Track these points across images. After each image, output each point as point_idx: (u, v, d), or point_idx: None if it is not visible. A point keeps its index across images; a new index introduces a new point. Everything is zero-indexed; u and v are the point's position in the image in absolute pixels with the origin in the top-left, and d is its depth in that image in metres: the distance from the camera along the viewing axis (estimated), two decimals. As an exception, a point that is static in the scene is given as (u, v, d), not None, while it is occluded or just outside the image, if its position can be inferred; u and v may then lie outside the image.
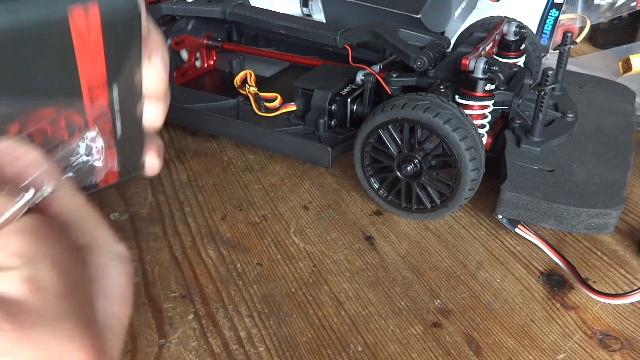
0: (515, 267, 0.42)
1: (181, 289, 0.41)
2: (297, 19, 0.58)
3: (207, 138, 0.61)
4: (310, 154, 0.51)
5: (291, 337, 0.37)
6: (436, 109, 0.41)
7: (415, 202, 0.46)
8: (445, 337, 0.37)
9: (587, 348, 0.36)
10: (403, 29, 0.52)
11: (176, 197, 0.51)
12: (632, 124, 0.52)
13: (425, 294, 0.40)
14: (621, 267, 0.42)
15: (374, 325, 0.38)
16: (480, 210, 0.49)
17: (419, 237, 0.46)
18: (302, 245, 0.45)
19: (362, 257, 0.44)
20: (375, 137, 0.45)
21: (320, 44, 0.60)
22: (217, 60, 0.69)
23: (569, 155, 0.46)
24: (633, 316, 0.38)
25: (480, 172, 0.43)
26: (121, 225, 0.48)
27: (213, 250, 0.45)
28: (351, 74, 0.53)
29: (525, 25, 0.55)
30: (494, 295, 0.40)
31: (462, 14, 0.71)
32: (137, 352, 0.36)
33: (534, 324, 0.38)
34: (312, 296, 0.40)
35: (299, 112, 0.55)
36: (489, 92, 0.45)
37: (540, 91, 0.44)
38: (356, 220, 0.48)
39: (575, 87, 0.58)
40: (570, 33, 0.52)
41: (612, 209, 0.40)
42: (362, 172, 0.48)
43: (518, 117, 0.48)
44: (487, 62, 0.44)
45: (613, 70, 0.67)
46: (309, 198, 0.51)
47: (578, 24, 0.79)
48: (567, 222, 0.41)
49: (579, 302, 0.39)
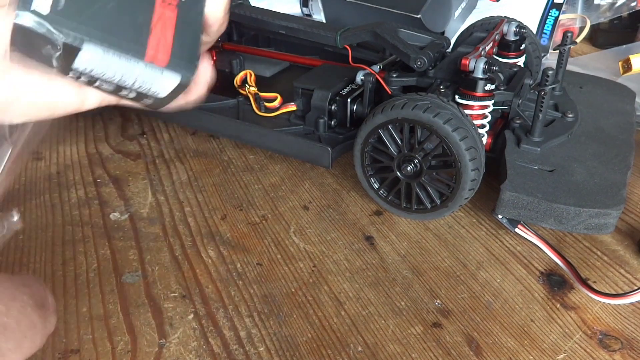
0: (515, 267, 0.42)
1: (181, 289, 0.41)
2: (297, 19, 0.58)
3: (207, 138, 0.61)
4: (310, 154, 0.51)
5: (291, 337, 0.37)
6: (436, 109, 0.41)
7: (415, 202, 0.46)
8: (445, 337, 0.37)
9: (587, 348, 0.36)
10: (403, 29, 0.52)
11: (176, 197, 0.51)
12: (632, 124, 0.52)
13: (425, 294, 0.40)
14: (621, 267, 0.42)
15: (374, 325, 0.38)
16: (480, 210, 0.49)
17: (419, 237, 0.46)
18: (302, 245, 0.45)
19: (362, 257, 0.44)
20: (375, 137, 0.45)
21: (320, 44, 0.60)
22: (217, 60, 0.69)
23: (569, 155, 0.46)
24: (633, 316, 0.38)
25: (480, 172, 0.43)
26: (121, 225, 0.48)
27: (213, 250, 0.45)
28: (351, 74, 0.53)
29: (525, 25, 0.55)
30: (494, 295, 0.40)
31: (462, 14, 0.71)
32: (137, 352, 0.36)
33: (534, 324, 0.38)
34: (312, 296, 0.40)
35: (299, 112, 0.55)
36: (489, 92, 0.45)
37: (540, 91, 0.44)
38: (356, 220, 0.48)
39: (575, 87, 0.58)
40: (570, 33, 0.52)
41: (612, 209, 0.40)
42: (362, 172, 0.48)
43: (518, 117, 0.48)
44: (487, 62, 0.44)
45: (613, 70, 0.67)
46: (309, 198, 0.51)
47: (578, 24, 0.79)
48: (567, 222, 0.41)
49: (579, 302, 0.39)
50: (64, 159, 0.58)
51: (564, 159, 0.46)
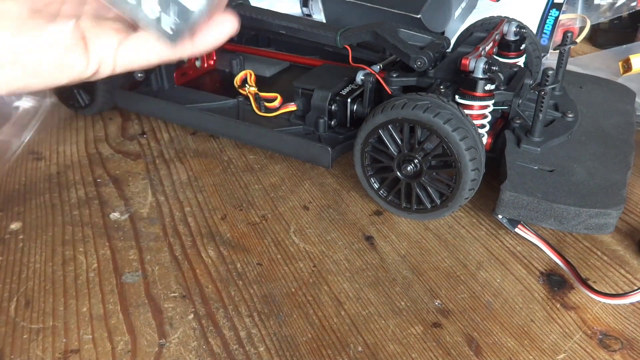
0: (515, 267, 0.42)
1: (181, 289, 0.41)
2: (297, 19, 0.58)
3: (207, 138, 0.61)
4: (310, 154, 0.51)
5: (291, 337, 0.37)
6: (436, 109, 0.41)
7: (415, 202, 0.46)
8: (445, 337, 0.37)
9: (587, 348, 0.36)
10: (403, 29, 0.52)
11: (176, 197, 0.51)
12: (632, 124, 0.52)
13: (425, 294, 0.40)
14: (621, 267, 0.42)
15: (374, 325, 0.38)
16: (480, 210, 0.49)
17: (419, 237, 0.46)
18: (302, 245, 0.45)
19: (362, 257, 0.44)
20: (375, 137, 0.45)
21: (320, 44, 0.60)
22: (217, 60, 0.69)
23: (569, 155, 0.46)
24: (633, 316, 0.38)
25: (480, 172, 0.43)
26: (121, 225, 0.48)
27: (213, 250, 0.45)
28: (351, 74, 0.53)
29: (525, 25, 0.55)
30: (494, 295, 0.40)
31: (462, 14, 0.71)
32: (137, 352, 0.36)
33: (534, 324, 0.38)
34: (312, 296, 0.40)
35: (299, 112, 0.55)
36: (489, 92, 0.45)
37: (540, 91, 0.44)
38: (356, 220, 0.48)
39: (575, 87, 0.58)
40: (570, 33, 0.52)
41: (612, 209, 0.40)
42: (362, 172, 0.48)
43: (518, 117, 0.48)
44: (487, 62, 0.44)
45: (613, 70, 0.67)
46: (309, 198, 0.51)
47: (578, 24, 0.80)
48: (567, 222, 0.41)
49: (579, 302, 0.39)
50: (64, 159, 0.58)
51: (564, 159, 0.46)
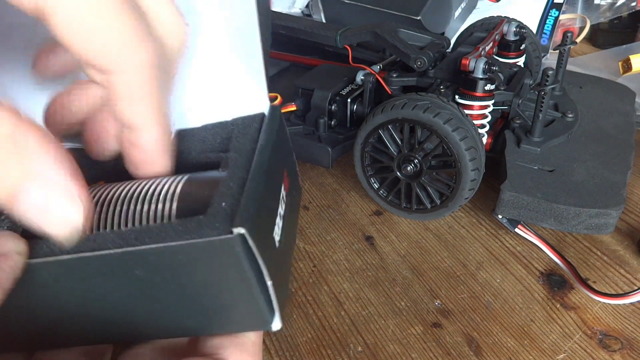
0: (515, 267, 0.42)
1: (181, 289, 0.41)
2: (297, 19, 0.58)
3: (207, 138, 0.61)
4: (310, 154, 0.51)
5: (291, 337, 0.37)
6: (436, 109, 0.41)
7: (415, 202, 0.46)
8: (445, 337, 0.37)
9: (587, 348, 0.36)
10: (403, 29, 0.52)
11: (176, 197, 0.51)
12: (632, 124, 0.52)
13: (425, 294, 0.40)
14: (621, 267, 0.42)
15: (374, 325, 0.38)
16: (480, 210, 0.49)
17: (419, 237, 0.46)
18: (302, 245, 0.45)
19: (362, 257, 0.44)
20: (375, 137, 0.45)
21: (320, 44, 0.60)
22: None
23: (569, 155, 0.46)
24: (633, 316, 0.38)
25: (480, 172, 0.43)
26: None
27: (213, 250, 0.45)
28: (351, 74, 0.53)
29: (525, 25, 0.55)
30: (494, 295, 0.40)
31: (462, 14, 0.71)
32: (137, 352, 0.36)
33: (534, 324, 0.38)
34: (312, 296, 0.40)
35: (299, 112, 0.55)
36: (489, 92, 0.45)
37: (540, 91, 0.44)
38: (356, 220, 0.48)
39: (575, 87, 0.58)
40: (570, 33, 0.52)
41: (612, 209, 0.40)
42: (362, 172, 0.48)
43: (518, 117, 0.48)
44: (487, 62, 0.44)
45: (613, 70, 0.67)
46: (309, 198, 0.51)
47: (578, 24, 0.79)
48: (567, 222, 0.41)
49: (579, 302, 0.39)
50: (64, 159, 0.58)
51: (564, 159, 0.46)
